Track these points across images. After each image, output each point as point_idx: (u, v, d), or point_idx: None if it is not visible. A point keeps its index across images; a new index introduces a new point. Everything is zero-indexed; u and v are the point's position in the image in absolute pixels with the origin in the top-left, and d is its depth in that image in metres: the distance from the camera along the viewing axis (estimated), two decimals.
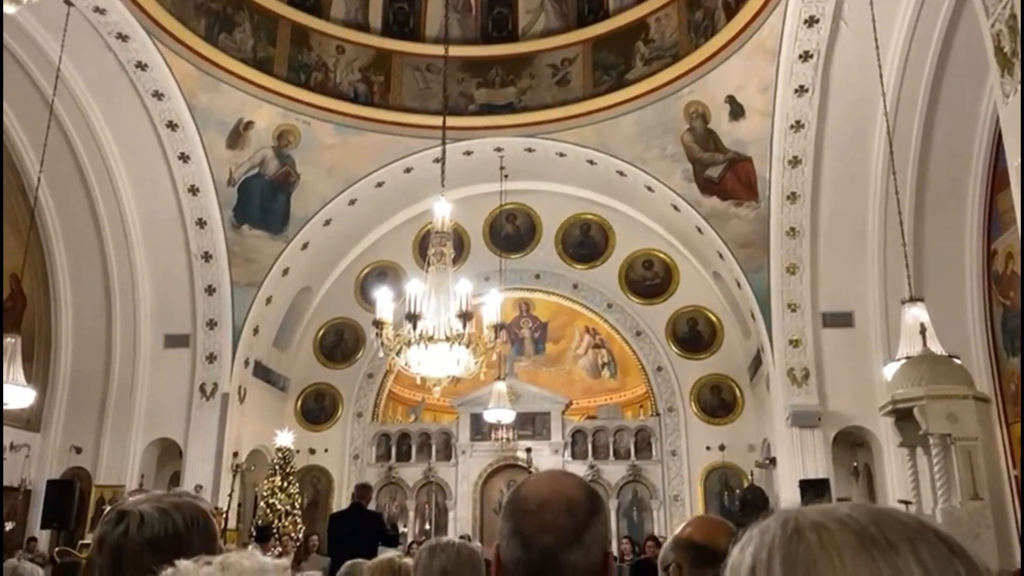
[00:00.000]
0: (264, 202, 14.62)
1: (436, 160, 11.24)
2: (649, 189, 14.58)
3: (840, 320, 13.13)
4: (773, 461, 13.90)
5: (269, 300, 15.30)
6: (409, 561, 2.60)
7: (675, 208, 14.50)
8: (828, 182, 12.57)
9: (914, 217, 11.69)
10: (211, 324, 14.68)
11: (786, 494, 12.74)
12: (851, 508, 0.61)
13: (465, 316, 7.74)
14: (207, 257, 14.46)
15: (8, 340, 10.97)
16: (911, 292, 9.36)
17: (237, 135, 13.93)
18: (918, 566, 0.55)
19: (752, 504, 13.51)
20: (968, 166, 11.60)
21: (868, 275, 12.76)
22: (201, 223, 14.25)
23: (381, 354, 8.93)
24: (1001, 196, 11.24)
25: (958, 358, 8.94)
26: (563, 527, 1.28)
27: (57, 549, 9.82)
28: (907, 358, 8.70)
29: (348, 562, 3.59)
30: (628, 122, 13.93)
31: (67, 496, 12.61)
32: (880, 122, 11.07)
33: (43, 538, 13.04)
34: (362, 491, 8.60)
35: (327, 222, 15.27)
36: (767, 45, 11.82)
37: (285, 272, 15.26)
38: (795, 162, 12.48)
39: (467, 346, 7.89)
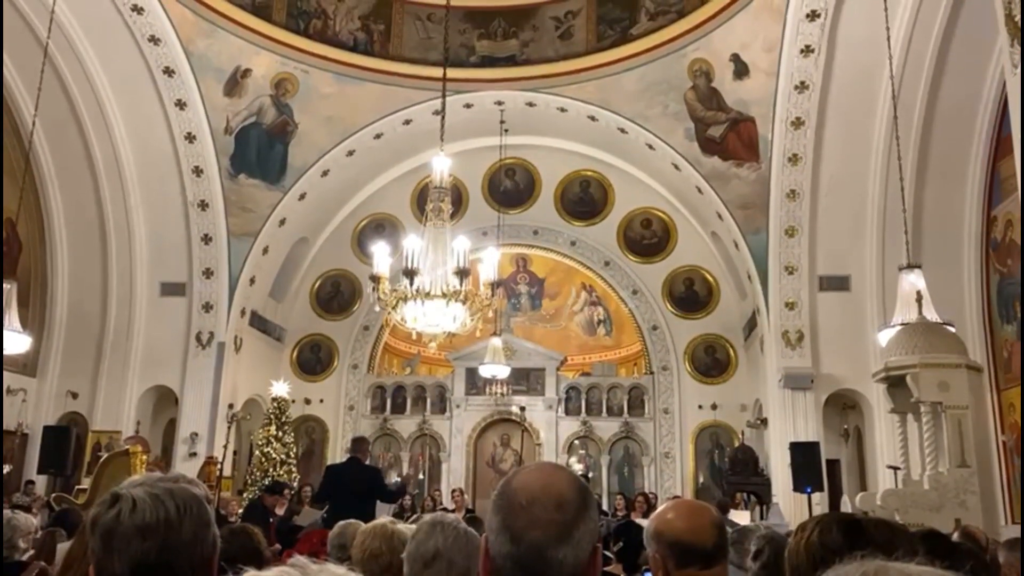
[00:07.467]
0: (261, 152, 14.49)
1: (436, 112, 11.11)
2: (650, 147, 14.46)
3: (836, 284, 13.14)
4: (764, 422, 14.02)
5: (266, 250, 15.25)
6: (402, 527, 2.61)
7: (675, 167, 14.40)
8: (830, 145, 12.48)
9: (915, 182, 11.62)
10: (207, 273, 14.65)
11: (776, 455, 12.88)
12: None
13: (462, 273, 7.72)
14: (203, 206, 14.38)
15: (5, 286, 10.92)
16: (909, 258, 9.34)
17: (234, 83, 13.75)
18: None
19: (742, 463, 13.67)
20: (971, 132, 11.50)
21: (866, 239, 12.74)
22: (197, 171, 14.14)
23: (377, 308, 8.92)
24: (1003, 163, 11.17)
25: (952, 326, 8.97)
26: (553, 523, 1.26)
27: (54, 496, 9.90)
28: (902, 325, 8.73)
29: (341, 522, 3.62)
30: (631, 78, 13.75)
31: (63, 442, 12.70)
32: (885, 85, 10.95)
33: (40, 482, 13.17)
34: (358, 445, 8.48)
35: (325, 173, 15.15)
36: (774, 3, 11.62)
37: (282, 222, 15.19)
38: (798, 123, 12.37)
39: (463, 303, 7.88)
